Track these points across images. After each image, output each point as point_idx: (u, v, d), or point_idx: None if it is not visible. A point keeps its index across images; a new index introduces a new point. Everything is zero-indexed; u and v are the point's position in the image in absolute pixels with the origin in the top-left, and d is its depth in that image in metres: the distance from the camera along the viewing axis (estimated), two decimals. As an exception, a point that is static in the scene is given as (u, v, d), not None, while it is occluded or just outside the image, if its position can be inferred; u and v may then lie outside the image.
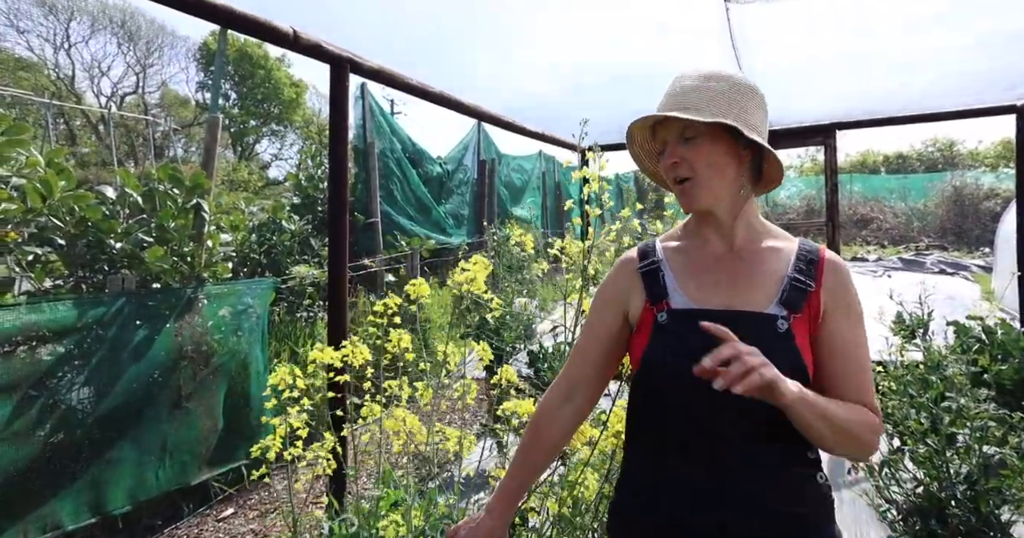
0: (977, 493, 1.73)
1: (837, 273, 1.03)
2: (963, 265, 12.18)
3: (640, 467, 1.04)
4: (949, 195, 18.01)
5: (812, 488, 0.98)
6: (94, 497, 2.68)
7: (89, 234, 3.31)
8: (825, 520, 0.99)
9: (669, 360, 0.97)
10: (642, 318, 1.05)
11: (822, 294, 1.00)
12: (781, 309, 0.98)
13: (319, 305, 5.51)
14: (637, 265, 1.10)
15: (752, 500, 0.94)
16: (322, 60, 2.52)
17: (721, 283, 1.02)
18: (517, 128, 4.41)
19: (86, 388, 2.74)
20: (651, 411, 1.01)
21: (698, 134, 1.02)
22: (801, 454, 0.99)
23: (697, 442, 0.96)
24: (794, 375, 0.92)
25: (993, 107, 4.07)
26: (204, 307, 3.41)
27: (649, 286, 1.06)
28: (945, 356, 2.15)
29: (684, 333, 0.98)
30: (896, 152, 26.88)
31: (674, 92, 1.05)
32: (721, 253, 1.06)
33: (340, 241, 2.50)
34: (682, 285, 1.04)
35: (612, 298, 1.11)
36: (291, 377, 1.40)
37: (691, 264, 1.07)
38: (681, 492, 0.97)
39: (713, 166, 1.01)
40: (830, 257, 1.04)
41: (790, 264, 1.03)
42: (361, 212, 6.83)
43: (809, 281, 1.00)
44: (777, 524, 0.94)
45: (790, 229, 9.58)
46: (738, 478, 0.94)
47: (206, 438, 3.24)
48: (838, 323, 1.00)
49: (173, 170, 3.72)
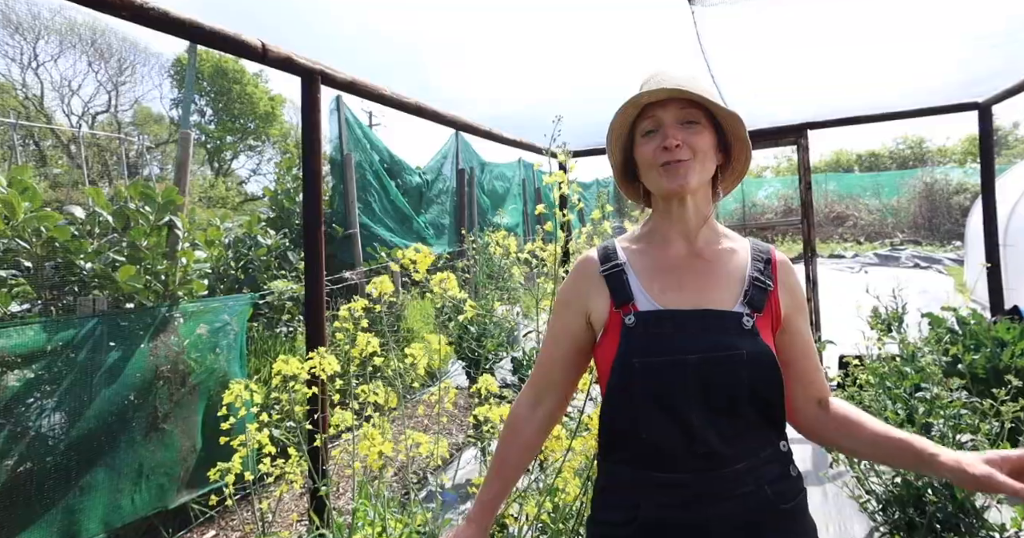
0: (954, 481, 1.76)
1: (789, 273, 1.09)
2: (936, 259, 12.44)
3: (617, 472, 1.04)
4: (920, 191, 18.43)
5: (788, 481, 1.00)
6: (66, 526, 2.60)
7: (57, 255, 3.24)
8: (801, 511, 1.01)
9: (640, 363, 0.97)
10: (609, 321, 1.04)
11: (780, 293, 1.05)
12: (745, 307, 1.00)
13: (298, 320, 5.44)
14: (599, 268, 1.08)
15: (732, 495, 0.95)
16: (293, 73, 2.50)
17: (686, 284, 1.03)
18: (494, 136, 4.42)
19: (57, 413, 2.67)
20: (625, 415, 1.01)
21: (698, 120, 1.04)
22: (775, 448, 1.01)
23: (673, 443, 0.96)
24: (768, 368, 0.96)
25: (957, 104, 4.19)
26: (180, 326, 3.34)
27: (614, 289, 1.05)
28: (920, 347, 2.19)
29: (653, 335, 0.99)
30: (868, 151, 27.48)
31: (676, 77, 1.05)
32: (684, 254, 1.07)
33: (316, 255, 2.48)
34: (647, 287, 1.04)
35: (574, 300, 1.10)
36: (248, 393, 1.36)
37: (654, 266, 1.07)
38: (661, 493, 0.97)
39: (707, 154, 1.04)
40: (780, 257, 1.10)
41: (748, 264, 1.06)
42: (340, 224, 6.78)
43: (768, 281, 1.04)
44: (759, 517, 0.95)
45: (769, 229, 9.79)
46: (716, 475, 0.95)
47: (184, 459, 3.16)
48: (799, 322, 1.06)
49: (144, 187, 3.66)
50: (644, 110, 1.06)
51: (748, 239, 1.12)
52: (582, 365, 1.13)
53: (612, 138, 1.11)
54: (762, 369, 0.96)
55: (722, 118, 1.06)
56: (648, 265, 1.07)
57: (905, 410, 1.94)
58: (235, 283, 5.66)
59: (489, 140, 4.49)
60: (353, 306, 1.50)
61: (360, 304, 1.51)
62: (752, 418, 0.97)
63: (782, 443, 1.02)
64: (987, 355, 3.20)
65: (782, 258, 1.09)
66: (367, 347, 1.46)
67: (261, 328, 5.20)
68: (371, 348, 1.47)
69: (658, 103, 1.05)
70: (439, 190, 9.21)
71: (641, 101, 1.04)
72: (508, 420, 1.16)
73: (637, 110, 1.07)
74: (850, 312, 3.21)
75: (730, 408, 0.95)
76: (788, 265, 1.09)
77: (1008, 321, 3.39)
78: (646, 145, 1.05)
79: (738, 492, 0.95)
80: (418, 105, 3.34)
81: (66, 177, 18.85)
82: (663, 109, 1.04)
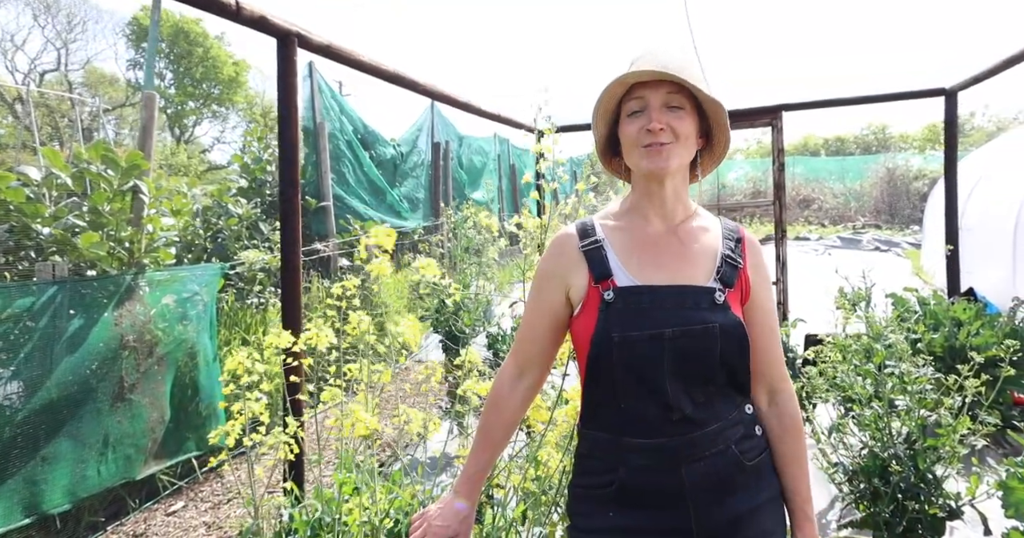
0: (915, 452, 1.84)
1: (756, 251, 1.14)
2: (895, 242, 12.89)
3: (597, 439, 1.07)
4: (883, 176, 18.95)
5: (752, 440, 1.07)
6: (27, 496, 2.52)
7: (12, 219, 3.07)
8: (767, 467, 1.08)
9: (619, 337, 1.00)
10: (587, 297, 1.07)
11: (748, 270, 1.10)
12: (717, 283, 1.05)
13: (270, 291, 5.33)
14: (579, 243, 1.10)
15: (703, 455, 1.01)
16: (268, 34, 2.38)
17: (663, 261, 1.07)
18: (472, 108, 4.32)
19: (15, 382, 2.56)
20: (604, 386, 1.04)
21: (683, 106, 1.05)
22: (740, 410, 1.07)
23: (650, 411, 1.01)
24: (737, 337, 1.02)
25: (925, 90, 4.28)
26: (146, 295, 3.23)
27: (593, 265, 1.07)
28: (887, 326, 2.27)
29: (632, 310, 1.02)
30: (835, 136, 28.07)
31: (668, 58, 1.05)
32: (660, 232, 1.10)
33: (292, 225, 2.41)
34: (624, 263, 1.07)
35: (554, 274, 1.12)
36: (250, 361, 1.33)
37: (632, 243, 1.09)
38: (638, 456, 1.02)
39: (689, 139, 1.06)
40: (749, 236, 1.14)
41: (720, 242, 1.11)
42: (313, 195, 6.61)
43: (738, 258, 1.09)
44: (728, 474, 1.02)
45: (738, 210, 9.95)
46: (689, 438, 1.00)
47: (152, 430, 3.09)
48: (763, 298, 1.11)
49: (106, 150, 3.49)
50: (632, 89, 1.07)
51: (719, 218, 1.17)
52: (561, 337, 1.16)
53: (599, 113, 1.12)
54: (732, 339, 1.01)
55: (706, 105, 1.08)
56: (626, 242, 1.10)
57: (873, 385, 2.01)
58: (204, 253, 5.48)
59: (467, 112, 4.40)
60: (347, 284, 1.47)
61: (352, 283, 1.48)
62: (722, 384, 1.03)
63: (747, 406, 1.08)
64: (945, 334, 3.34)
65: (750, 237, 1.14)
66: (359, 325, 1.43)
67: (232, 299, 5.07)
68: (364, 327, 1.44)
69: (646, 83, 1.06)
70: (414, 163, 9.04)
71: (628, 81, 1.06)
72: (491, 394, 1.18)
73: (624, 89, 1.08)
74: (816, 292, 3.30)
75: (703, 377, 1.01)
76: (756, 244, 1.15)
77: (965, 302, 3.55)
78: (631, 124, 1.07)
79: (708, 452, 1.01)
80: (396, 73, 3.24)
81: (12, 138, 17.83)
82: (650, 90, 1.05)
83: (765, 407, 1.11)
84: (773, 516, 1.06)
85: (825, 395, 2.32)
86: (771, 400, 1.12)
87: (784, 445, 1.09)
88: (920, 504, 1.79)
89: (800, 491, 1.09)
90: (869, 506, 1.90)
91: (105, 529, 2.83)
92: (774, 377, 1.11)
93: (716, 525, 1.00)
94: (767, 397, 1.12)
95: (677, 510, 1.00)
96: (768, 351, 1.10)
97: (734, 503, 1.01)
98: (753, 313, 1.09)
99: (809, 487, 1.10)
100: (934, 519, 1.80)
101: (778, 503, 1.09)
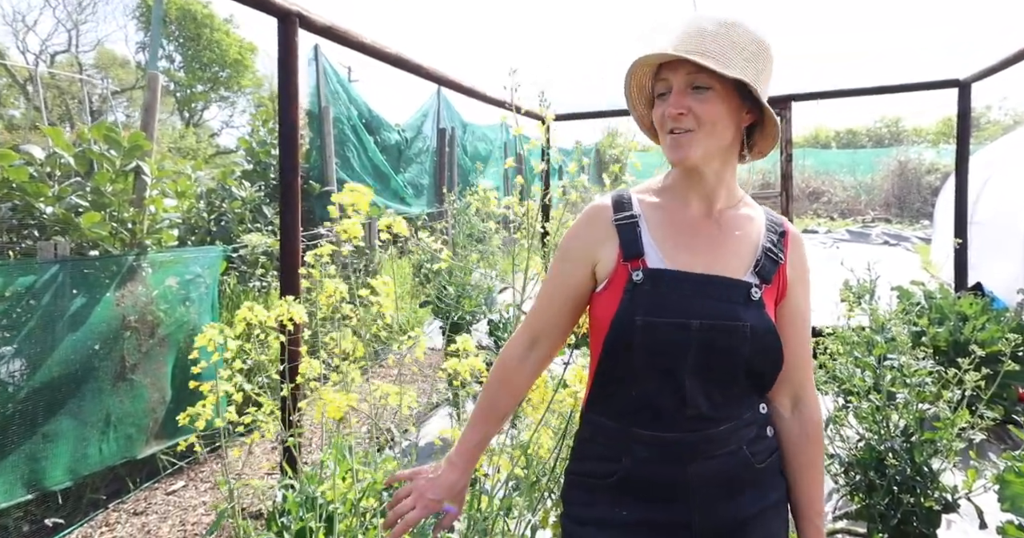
0: (912, 445, 1.83)
1: (799, 247, 1.06)
2: (904, 237, 12.75)
3: (601, 425, 1.03)
4: (894, 169, 18.71)
5: (764, 441, 1.02)
6: (29, 473, 2.55)
7: (14, 197, 3.08)
8: (774, 469, 1.03)
9: (642, 321, 0.94)
10: (614, 274, 0.99)
11: (787, 268, 1.03)
12: (754, 278, 0.98)
13: (272, 274, 5.34)
14: (612, 216, 1.02)
15: (714, 454, 0.96)
16: (268, 13, 2.36)
17: (699, 247, 1.00)
18: (477, 94, 4.28)
19: (17, 360, 2.58)
20: (619, 373, 0.99)
21: (711, 85, 0.94)
22: (755, 410, 1.01)
23: (663, 404, 0.96)
24: (769, 344, 0.96)
25: (938, 81, 4.20)
26: (148, 276, 3.24)
27: (624, 241, 0.99)
28: (889, 319, 2.24)
29: (659, 294, 0.95)
30: (847, 128, 27.71)
31: (691, 32, 0.95)
32: (700, 216, 1.02)
33: (293, 206, 2.40)
34: (659, 244, 0.99)
35: (581, 247, 1.04)
36: (221, 337, 1.31)
37: (670, 223, 1.02)
38: (643, 448, 0.97)
39: (717, 123, 0.95)
40: (793, 231, 1.07)
41: (762, 234, 1.03)
42: (317, 180, 6.60)
43: (779, 253, 1.02)
44: (736, 474, 0.97)
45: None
46: (701, 435, 0.95)
47: (153, 410, 3.12)
48: (799, 298, 1.04)
49: (109, 130, 3.48)
50: (659, 69, 0.99)
51: (763, 208, 1.08)
52: (579, 313, 1.09)
53: (632, 96, 1.05)
54: (763, 345, 0.95)
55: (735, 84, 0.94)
56: (663, 221, 1.02)
57: (872, 377, 1.99)
58: (207, 235, 5.49)
59: (472, 98, 4.35)
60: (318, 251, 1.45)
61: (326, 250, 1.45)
62: (744, 387, 0.98)
63: (762, 406, 1.02)
64: (950, 328, 3.31)
65: (794, 231, 1.06)
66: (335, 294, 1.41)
67: (234, 282, 5.09)
68: (339, 295, 1.42)
69: (669, 63, 0.96)
70: (419, 149, 9.00)
71: (647, 62, 0.97)
72: (499, 364, 1.10)
73: (652, 69, 0.99)
74: (822, 285, 3.27)
75: (725, 377, 0.95)
76: (800, 239, 1.06)
77: (971, 297, 3.51)
78: (657, 109, 0.99)
79: (719, 452, 0.96)
80: (399, 56, 3.20)
81: (24, 119, 17.90)
82: (672, 71, 0.96)
83: (788, 413, 1.05)
84: (778, 518, 1.03)
85: (824, 387, 2.30)
86: (795, 406, 1.06)
87: (804, 455, 1.04)
88: (916, 497, 1.78)
89: (814, 502, 1.05)
90: (864, 498, 1.90)
91: (106, 507, 2.87)
92: (800, 382, 1.05)
93: (720, 524, 0.96)
94: (790, 402, 1.06)
95: (679, 505, 0.96)
96: (797, 354, 1.03)
97: (741, 504, 0.97)
98: (786, 312, 1.02)
99: (823, 498, 1.05)
100: (929, 512, 1.79)
101: (784, 505, 1.05)
